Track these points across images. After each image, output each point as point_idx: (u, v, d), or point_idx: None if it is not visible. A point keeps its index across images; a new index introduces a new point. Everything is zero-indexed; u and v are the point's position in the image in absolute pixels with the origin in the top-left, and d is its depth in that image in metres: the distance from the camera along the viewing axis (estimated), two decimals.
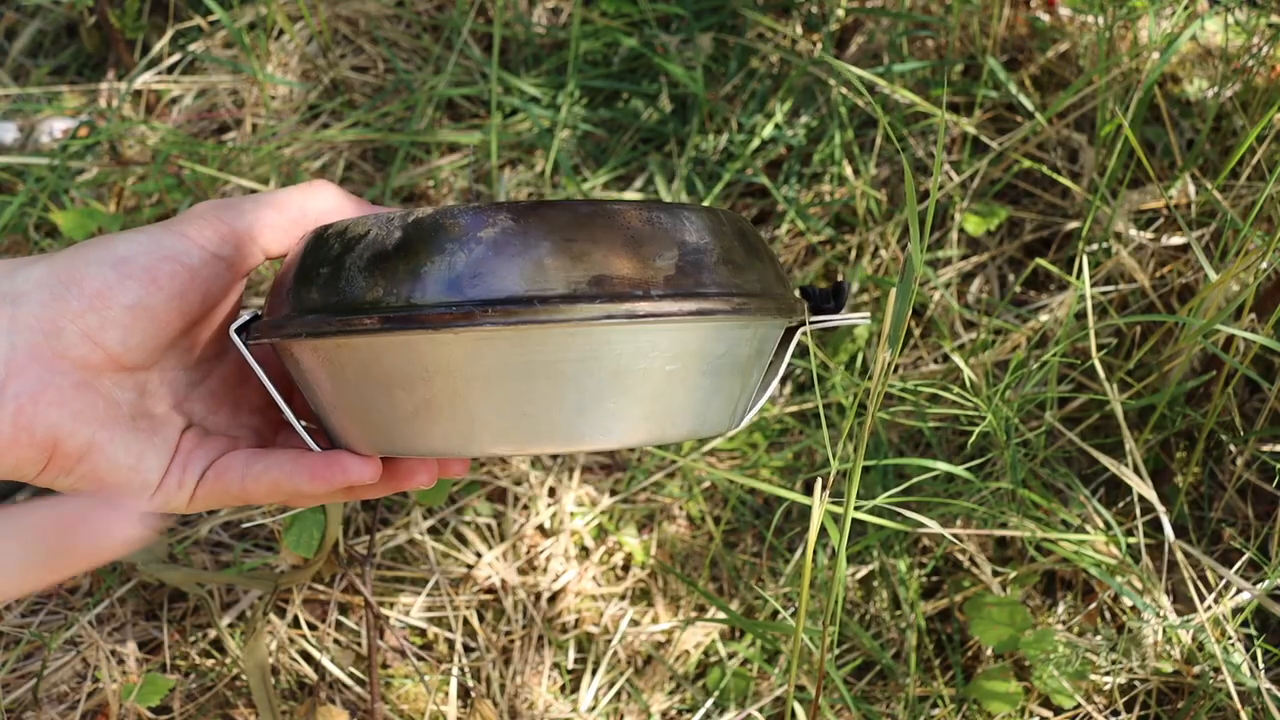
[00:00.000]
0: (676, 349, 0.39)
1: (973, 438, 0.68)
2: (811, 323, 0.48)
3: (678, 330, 0.39)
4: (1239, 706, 0.64)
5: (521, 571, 0.81)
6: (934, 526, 0.59)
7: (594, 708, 0.76)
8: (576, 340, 0.38)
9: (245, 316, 0.43)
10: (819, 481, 0.47)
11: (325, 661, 0.75)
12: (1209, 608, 0.68)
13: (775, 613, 0.78)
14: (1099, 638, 0.72)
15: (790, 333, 0.48)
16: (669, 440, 0.41)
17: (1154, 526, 0.76)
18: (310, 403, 0.44)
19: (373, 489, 0.46)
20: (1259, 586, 0.68)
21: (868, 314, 0.50)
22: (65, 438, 0.40)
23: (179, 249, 0.42)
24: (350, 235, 0.40)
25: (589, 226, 0.38)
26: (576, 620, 0.79)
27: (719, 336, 0.40)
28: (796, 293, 0.48)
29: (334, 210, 0.46)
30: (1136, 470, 0.72)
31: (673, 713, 0.76)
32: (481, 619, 0.79)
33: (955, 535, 0.77)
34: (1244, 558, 0.71)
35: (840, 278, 0.52)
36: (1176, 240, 0.84)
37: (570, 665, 0.78)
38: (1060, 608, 0.76)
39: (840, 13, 0.99)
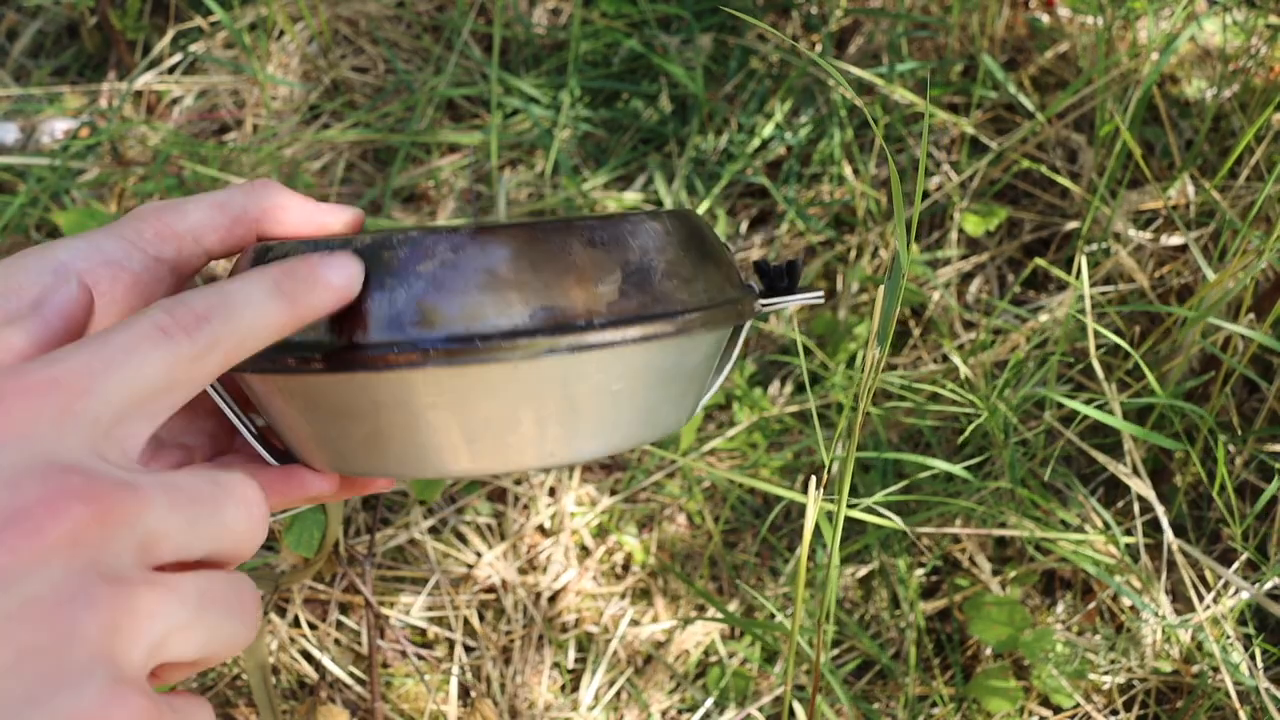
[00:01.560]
0: (622, 370, 0.40)
1: (966, 433, 0.68)
2: (764, 305, 0.48)
3: (624, 354, 0.39)
4: (1237, 706, 0.64)
5: (522, 571, 0.81)
6: (929, 527, 0.59)
7: (594, 707, 0.76)
8: (521, 373, 0.38)
9: None
10: (813, 479, 0.48)
11: (326, 661, 0.76)
12: (1208, 607, 0.68)
13: (773, 613, 0.78)
14: (1098, 637, 0.72)
15: (740, 327, 0.49)
16: (617, 451, 0.42)
17: (1153, 526, 0.76)
18: (264, 417, 0.44)
19: (333, 495, 0.46)
20: (1257, 586, 0.69)
21: (820, 292, 0.50)
22: None
23: (119, 253, 0.42)
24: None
25: (530, 254, 0.38)
26: (576, 620, 0.80)
27: (666, 353, 0.41)
28: (753, 275, 0.48)
29: (278, 209, 0.45)
30: (1135, 470, 0.72)
31: (672, 712, 0.76)
32: (482, 618, 0.79)
33: (955, 535, 0.77)
34: (1242, 557, 0.72)
35: (796, 259, 0.51)
36: (1175, 240, 0.84)
37: (570, 665, 0.78)
38: (1059, 607, 0.76)
39: (840, 13, 0.99)
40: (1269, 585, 0.69)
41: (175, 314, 0.33)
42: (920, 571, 0.79)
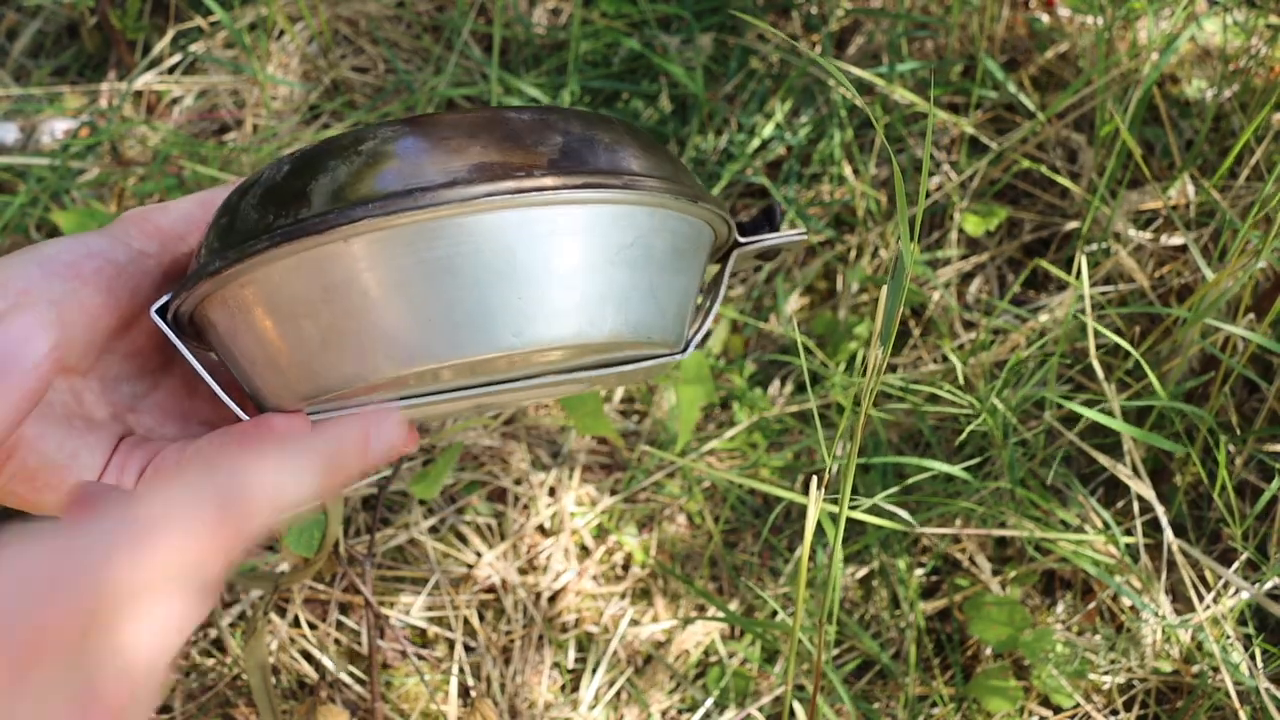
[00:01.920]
0: (575, 229, 0.39)
1: (963, 434, 0.68)
2: (744, 243, 0.47)
3: (571, 211, 0.38)
4: (1237, 706, 0.64)
5: (522, 571, 0.81)
6: (929, 527, 0.59)
7: (594, 707, 0.76)
8: (465, 231, 0.38)
9: (166, 297, 0.43)
10: (814, 479, 0.48)
11: (326, 661, 0.76)
12: (1208, 607, 0.68)
13: (774, 612, 0.78)
14: (1098, 637, 0.72)
15: (726, 255, 0.48)
16: (596, 339, 0.40)
17: (1153, 526, 0.76)
18: (235, 374, 0.44)
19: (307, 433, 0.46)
20: (1257, 586, 0.69)
21: (803, 231, 0.49)
22: None
23: (104, 247, 0.42)
24: (246, 183, 0.41)
25: (470, 126, 0.39)
26: (576, 620, 0.80)
27: (619, 223, 0.40)
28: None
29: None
30: (1135, 470, 0.72)
31: (673, 712, 0.76)
32: (482, 618, 0.79)
33: (954, 535, 0.77)
34: (1242, 557, 0.72)
35: (775, 207, 0.50)
36: (1176, 240, 0.84)
37: (570, 665, 0.78)
38: (1059, 607, 0.76)
39: (840, 13, 0.99)
40: (1269, 585, 0.69)
41: (227, 513, 0.31)
42: (920, 571, 0.79)
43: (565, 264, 0.39)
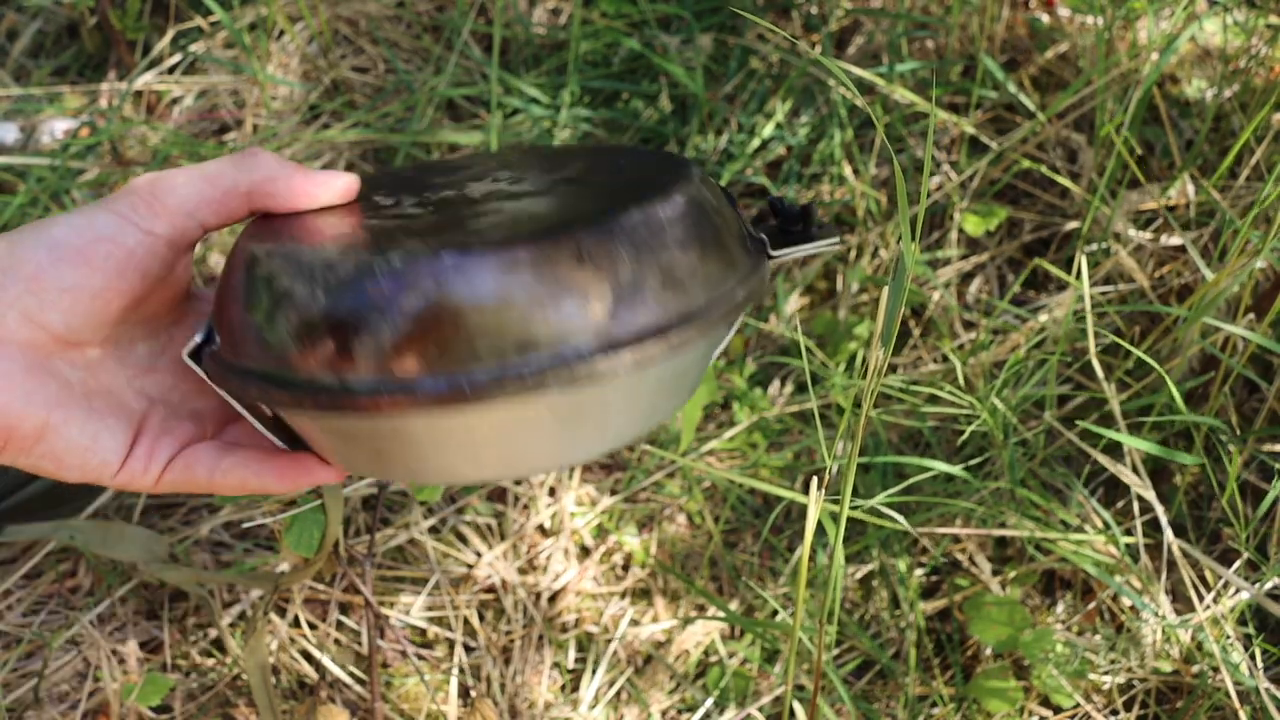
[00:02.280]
0: (618, 393, 0.39)
1: (965, 435, 0.68)
2: (777, 256, 0.46)
3: (618, 382, 0.38)
4: (1238, 706, 0.64)
5: (521, 571, 0.81)
6: (929, 527, 0.59)
7: (594, 707, 0.76)
8: (514, 408, 0.37)
9: (197, 339, 0.42)
10: (815, 479, 0.48)
11: (326, 661, 0.76)
12: (1208, 607, 0.68)
13: (774, 612, 0.78)
14: (1098, 637, 0.72)
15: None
16: (620, 448, 0.42)
17: (1153, 526, 0.76)
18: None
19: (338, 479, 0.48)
20: (1257, 586, 0.69)
21: (837, 239, 0.48)
22: (19, 421, 0.40)
23: (113, 229, 0.42)
24: (279, 289, 0.38)
25: (514, 280, 0.36)
26: (576, 620, 0.80)
27: (662, 369, 0.40)
28: (761, 228, 0.47)
29: (267, 182, 0.45)
30: (1135, 470, 0.72)
31: (673, 712, 0.76)
32: (482, 618, 0.79)
33: (954, 535, 0.77)
34: (1242, 557, 0.72)
35: (811, 202, 0.49)
36: (1176, 240, 0.84)
37: (570, 665, 0.78)
38: (1059, 607, 0.76)
39: (840, 13, 0.99)
40: (1269, 585, 0.69)
41: None
42: (920, 571, 0.79)
43: (606, 412, 0.39)
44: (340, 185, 0.46)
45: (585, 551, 0.83)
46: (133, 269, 0.42)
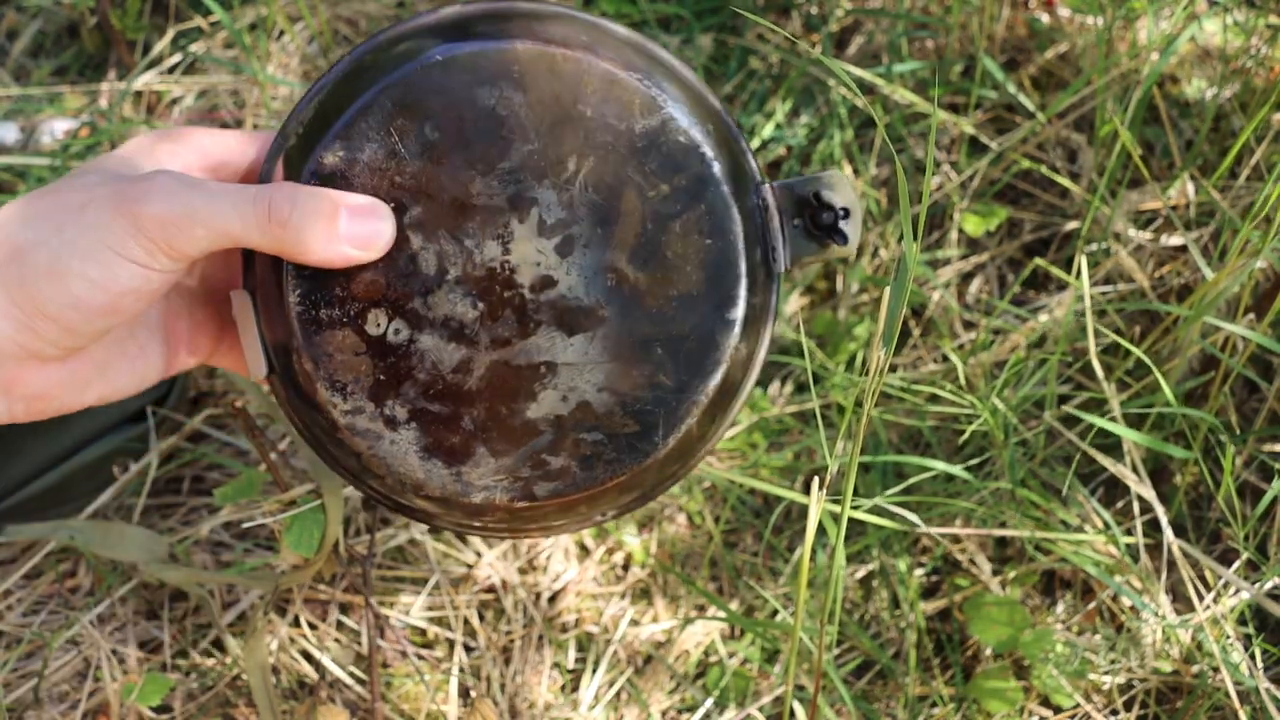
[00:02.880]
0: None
1: (965, 435, 0.68)
2: (793, 266, 0.49)
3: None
4: (1238, 706, 0.64)
5: (521, 571, 0.81)
6: (929, 527, 0.59)
7: (594, 707, 0.76)
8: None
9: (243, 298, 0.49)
10: (816, 480, 0.48)
11: (326, 661, 0.76)
12: (1208, 607, 0.68)
13: (775, 612, 0.78)
14: (1098, 637, 0.72)
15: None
16: None
17: (1153, 526, 0.76)
18: None
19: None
20: (1257, 586, 0.69)
21: (847, 246, 0.49)
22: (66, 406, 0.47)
23: (138, 281, 0.43)
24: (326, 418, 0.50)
25: (504, 429, 0.48)
26: (576, 620, 0.80)
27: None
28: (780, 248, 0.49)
29: (298, 244, 0.44)
30: (1135, 470, 0.72)
31: (673, 712, 0.76)
32: (482, 618, 0.79)
33: (954, 535, 0.77)
34: (1242, 557, 0.72)
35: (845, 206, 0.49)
36: (1176, 240, 0.84)
37: (570, 665, 0.78)
38: (1059, 607, 0.76)
39: (840, 13, 0.99)
40: (1269, 585, 0.69)
41: None
42: (920, 572, 0.79)
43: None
44: (381, 245, 0.45)
45: (585, 551, 0.83)
46: (154, 300, 0.46)
